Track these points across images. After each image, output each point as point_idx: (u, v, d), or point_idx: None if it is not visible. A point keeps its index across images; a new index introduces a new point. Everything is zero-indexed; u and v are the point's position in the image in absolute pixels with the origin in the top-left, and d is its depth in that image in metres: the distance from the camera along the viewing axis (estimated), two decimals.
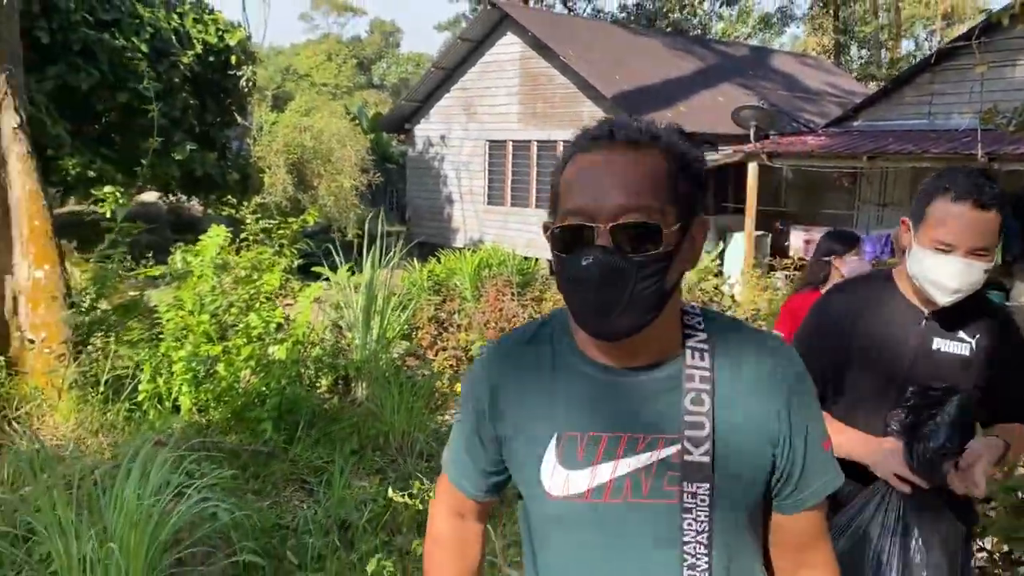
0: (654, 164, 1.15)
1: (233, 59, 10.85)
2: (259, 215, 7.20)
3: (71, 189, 10.53)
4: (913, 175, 13.56)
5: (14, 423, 4.54)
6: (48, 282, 4.94)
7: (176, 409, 5.16)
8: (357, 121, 18.34)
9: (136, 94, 9.27)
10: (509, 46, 15.03)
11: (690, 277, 10.71)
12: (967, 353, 2.05)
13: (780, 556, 1.36)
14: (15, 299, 4.96)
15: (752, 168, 12.74)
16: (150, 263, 7.16)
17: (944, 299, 1.99)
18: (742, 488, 1.23)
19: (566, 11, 24.65)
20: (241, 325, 5.65)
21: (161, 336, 5.36)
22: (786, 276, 11.36)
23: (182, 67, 10.06)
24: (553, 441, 1.24)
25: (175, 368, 5.08)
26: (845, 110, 14.96)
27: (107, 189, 5.85)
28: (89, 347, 5.15)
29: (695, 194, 1.20)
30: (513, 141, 15.16)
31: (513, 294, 9.70)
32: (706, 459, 1.19)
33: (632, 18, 22.96)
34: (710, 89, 15.19)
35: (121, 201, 5.94)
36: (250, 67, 10.99)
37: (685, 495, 1.19)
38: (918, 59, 15.36)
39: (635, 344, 1.20)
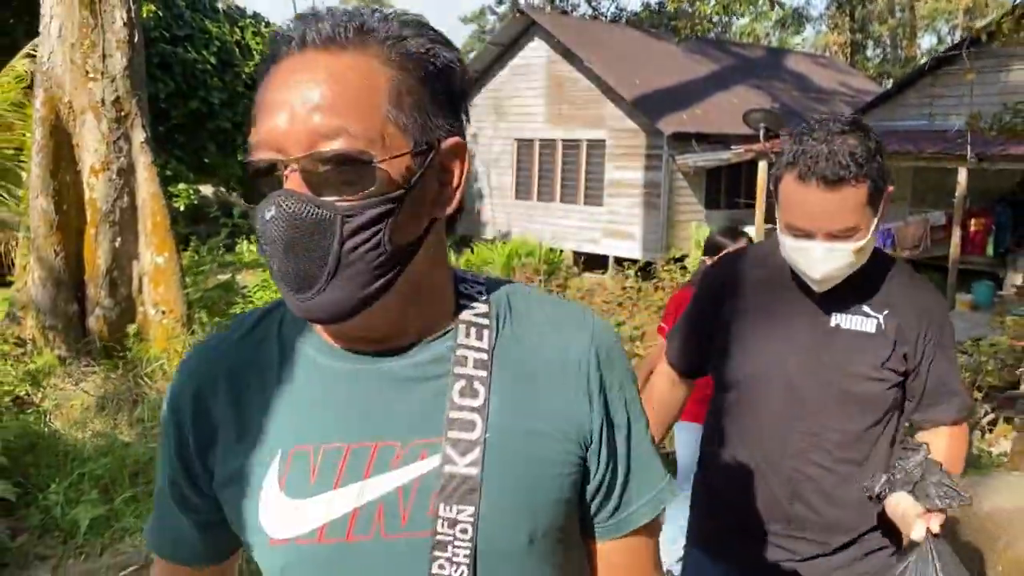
0: (367, 70, 0.81)
1: (237, 51, 12.02)
2: None
3: None
4: (914, 173, 14.50)
5: (146, 379, 5.71)
6: (167, 266, 6.11)
7: None
8: None
9: (204, 101, 10.44)
10: (536, 51, 16.10)
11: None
12: (872, 330, 1.74)
13: None
14: (140, 280, 6.13)
15: (762, 166, 13.72)
16: (220, 249, 8.41)
17: (817, 288, 1.71)
18: (531, 512, 0.88)
19: (590, 10, 25.59)
20: None
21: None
22: None
23: (244, 76, 11.25)
24: (276, 461, 0.88)
25: None
26: (852, 111, 15.89)
27: (181, 186, 7.02)
28: (196, 320, 6.33)
29: (440, 108, 0.85)
30: (540, 139, 16.21)
31: (540, 282, 10.77)
32: (474, 471, 0.85)
33: (655, 15, 23.81)
34: (725, 91, 16.16)
35: (192, 197, 7.12)
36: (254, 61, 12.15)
37: (440, 522, 0.84)
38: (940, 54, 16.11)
39: (381, 323, 0.87)
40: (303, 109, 0.78)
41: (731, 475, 1.85)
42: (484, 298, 0.94)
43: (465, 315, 0.91)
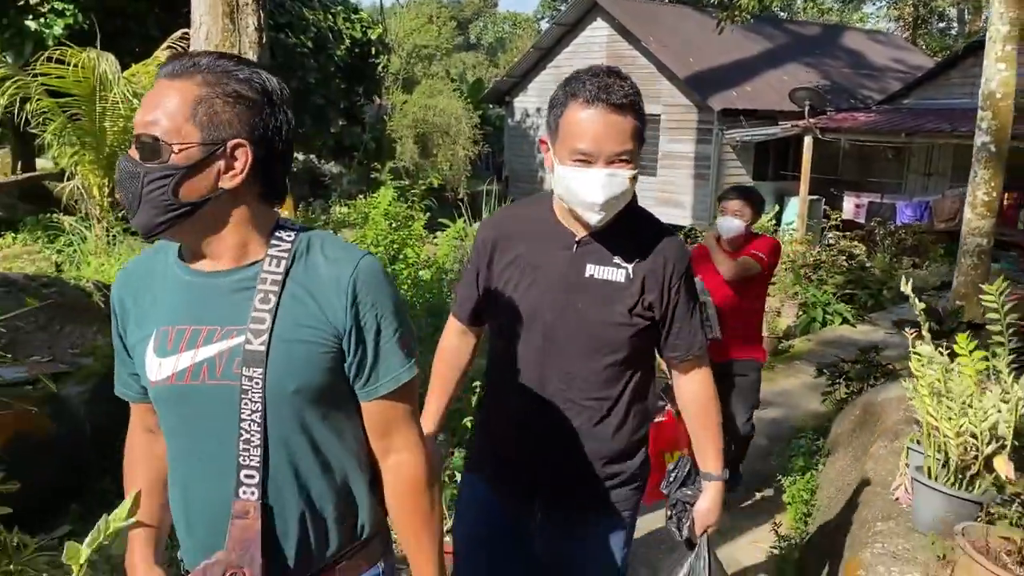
0: (185, 91, 1.29)
1: (373, 50, 13.47)
2: (391, 177, 9.78)
3: None
4: (955, 149, 15.25)
5: None
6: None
7: None
8: (457, 85, 20.82)
9: (302, 80, 11.93)
10: (598, 30, 17.23)
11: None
12: (622, 279, 1.92)
13: (373, 441, 1.48)
14: None
15: (807, 141, 14.66)
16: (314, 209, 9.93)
17: (594, 218, 1.85)
18: (302, 374, 1.35)
19: None
20: (401, 256, 8.28)
21: None
22: (832, 234, 13.11)
23: (336, 58, 12.72)
24: (153, 335, 1.39)
25: None
26: (900, 88, 16.61)
27: None
28: None
29: (234, 117, 1.31)
30: None
31: None
32: (262, 348, 1.33)
33: None
34: (776, 69, 17.07)
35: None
36: (385, 56, 13.58)
37: (243, 379, 1.33)
38: None
39: (193, 248, 1.39)
40: (146, 107, 1.30)
41: (498, 408, 2.13)
42: (291, 239, 1.39)
43: (272, 251, 1.37)
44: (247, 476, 1.36)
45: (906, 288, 2.62)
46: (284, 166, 1.41)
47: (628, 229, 1.93)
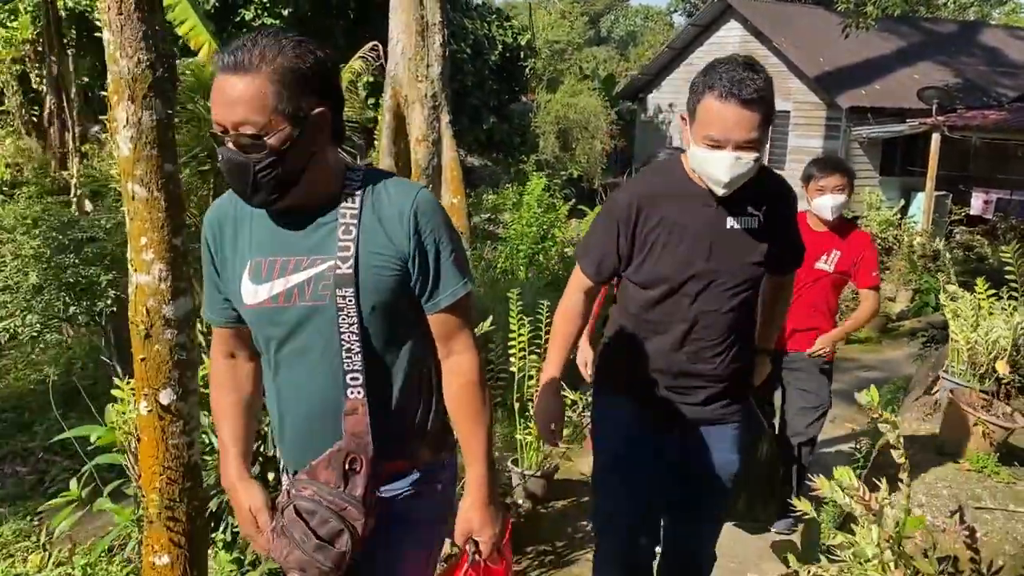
0: (258, 85, 1.48)
1: (522, 54, 14.98)
2: (534, 168, 11.20)
3: None
4: None
5: None
6: (458, 205, 9.17)
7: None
8: (590, 79, 22.05)
9: (461, 83, 13.50)
10: (731, 31, 18.13)
11: (873, 225, 13.29)
12: (756, 225, 2.23)
13: (437, 344, 1.74)
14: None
15: (934, 138, 15.12)
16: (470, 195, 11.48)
17: (720, 191, 2.13)
18: (382, 292, 1.61)
19: None
20: (549, 236, 9.72)
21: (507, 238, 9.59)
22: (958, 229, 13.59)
23: (490, 63, 14.29)
24: (248, 265, 1.64)
25: (519, 254, 9.23)
26: None
27: None
28: (476, 236, 9.41)
29: (311, 92, 1.53)
30: None
31: None
32: (350, 271, 1.57)
33: None
34: (907, 67, 17.50)
35: None
36: (532, 60, 15.07)
37: (338, 298, 1.57)
38: None
39: (295, 204, 1.60)
40: (232, 106, 1.50)
41: (643, 346, 2.37)
42: (359, 180, 1.64)
43: (346, 190, 1.63)
44: (352, 379, 1.60)
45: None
46: (342, 110, 1.64)
47: (756, 182, 2.19)
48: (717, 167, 2.07)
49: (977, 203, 15.73)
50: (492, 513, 1.75)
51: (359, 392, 1.59)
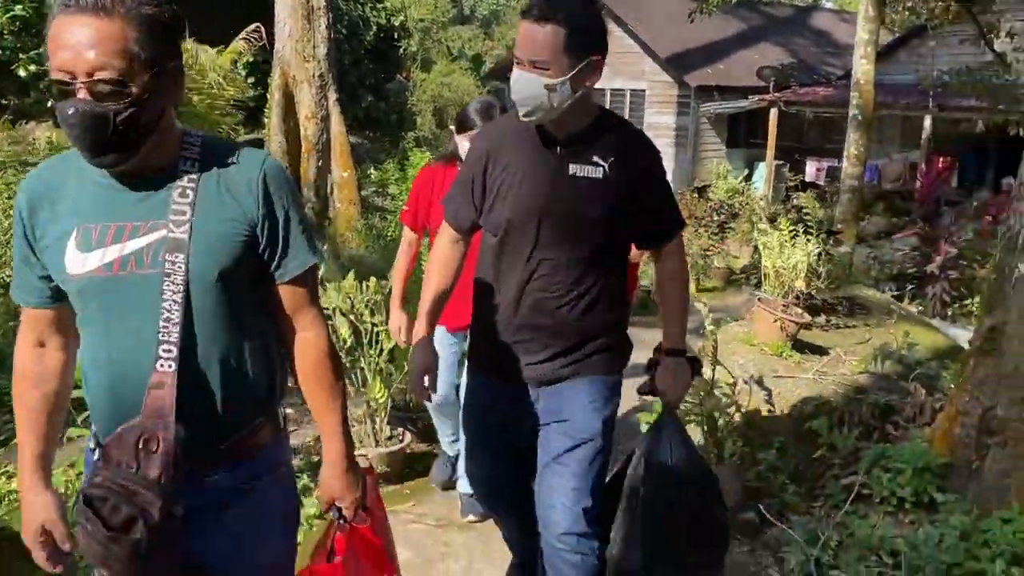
0: (117, 28, 1.36)
1: (396, 35, 15.62)
2: (413, 145, 11.99)
3: None
4: (901, 120, 17.46)
5: (339, 246, 9.49)
6: (348, 178, 9.86)
7: None
8: (458, 59, 22.81)
9: (338, 63, 14.02)
10: None
11: (720, 192, 14.76)
12: (600, 175, 2.15)
13: (283, 320, 1.65)
14: (332, 187, 9.90)
15: (773, 113, 16.84)
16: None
17: (522, 113, 2.10)
18: (227, 259, 1.51)
19: None
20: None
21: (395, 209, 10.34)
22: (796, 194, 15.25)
23: (365, 42, 14.85)
24: (73, 233, 1.48)
25: None
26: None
27: None
28: (366, 209, 10.12)
29: (167, 43, 1.44)
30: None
31: None
32: (183, 237, 1.47)
33: None
34: (748, 48, 19.22)
35: None
36: (406, 40, 15.73)
37: (166, 264, 1.46)
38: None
39: (135, 164, 1.46)
40: (87, 49, 1.35)
41: (492, 303, 2.30)
42: (198, 143, 1.56)
43: (185, 153, 1.54)
44: (165, 351, 1.47)
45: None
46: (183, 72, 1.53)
47: (604, 132, 2.18)
48: (512, 84, 2.06)
49: (810, 170, 17.58)
50: (352, 479, 1.73)
51: (170, 365, 1.46)
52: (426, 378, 2.34)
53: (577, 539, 2.23)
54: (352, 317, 3.64)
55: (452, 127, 3.32)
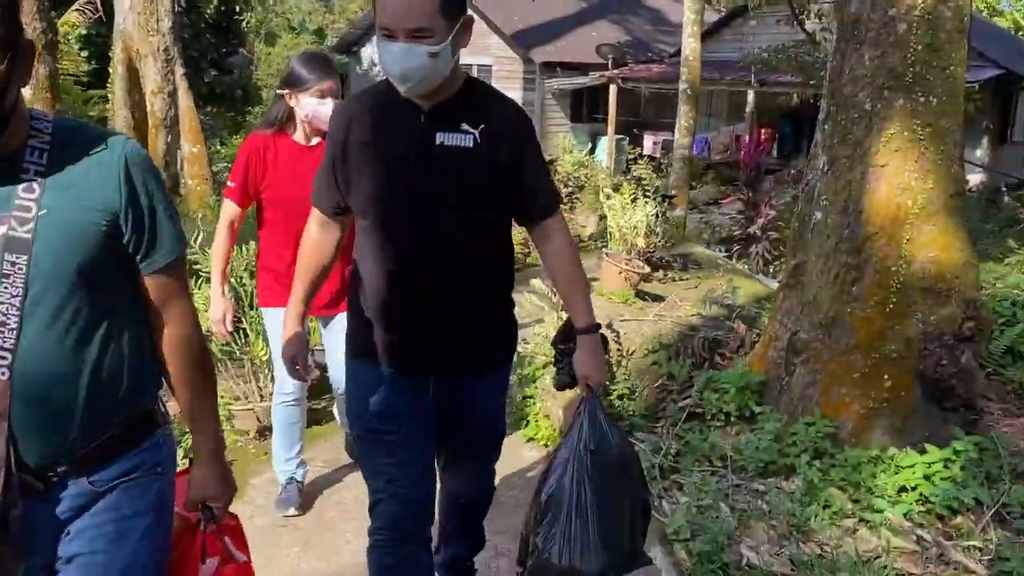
0: None
1: (237, 7, 15.26)
2: (258, 121, 11.83)
3: None
4: (729, 95, 18.81)
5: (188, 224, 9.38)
6: (198, 153, 9.72)
7: None
8: (300, 32, 22.41)
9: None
10: None
11: (567, 165, 15.47)
12: (470, 144, 1.99)
13: (150, 313, 1.55)
14: (182, 162, 9.74)
15: (612, 89, 17.71)
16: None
17: (401, 87, 1.93)
18: (79, 252, 1.38)
19: None
20: None
21: None
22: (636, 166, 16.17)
23: (205, 15, 14.44)
24: None
25: None
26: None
27: None
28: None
29: (13, 25, 1.30)
30: None
31: None
32: (27, 236, 1.34)
33: None
34: (587, 25, 20.04)
35: None
36: (248, 14, 15.40)
37: (5, 264, 1.34)
38: None
39: None
40: None
41: (373, 290, 2.14)
42: (48, 130, 1.41)
43: (32, 142, 1.39)
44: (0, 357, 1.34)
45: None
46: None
47: (471, 97, 2.03)
48: (391, 59, 1.89)
49: (648, 144, 18.59)
50: (227, 477, 1.70)
51: (3, 372, 1.36)
52: (297, 359, 2.29)
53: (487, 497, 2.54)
54: (232, 280, 3.83)
55: (279, 91, 3.02)
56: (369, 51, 21.16)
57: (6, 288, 1.35)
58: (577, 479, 2.11)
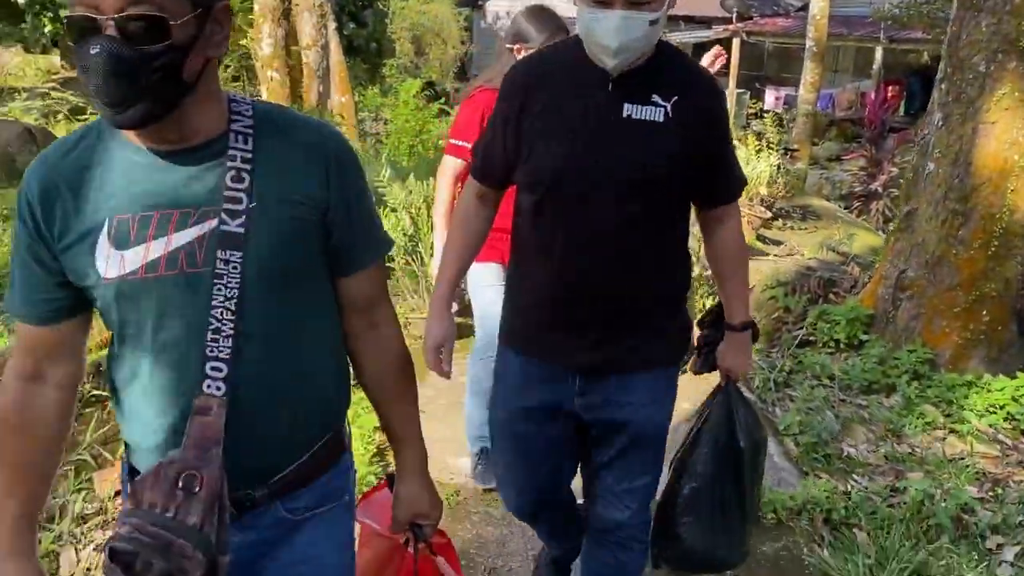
0: None
1: None
2: (397, 73, 12.63)
3: None
4: (856, 51, 18.48)
5: None
6: (347, 103, 10.61)
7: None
8: None
9: None
10: None
11: None
12: (660, 119, 1.77)
13: (350, 319, 1.41)
14: (332, 111, 10.65)
15: (735, 43, 17.71)
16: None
17: (611, 62, 1.69)
18: (287, 252, 1.25)
19: None
20: (424, 129, 11.38)
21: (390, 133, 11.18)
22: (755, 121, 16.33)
23: None
24: (105, 226, 1.19)
25: (401, 145, 10.85)
26: None
27: None
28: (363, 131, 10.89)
29: None
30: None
31: None
32: (240, 230, 1.20)
33: None
34: None
35: None
36: None
37: (218, 262, 1.20)
38: None
39: (175, 129, 1.19)
40: None
41: (528, 271, 1.95)
42: (249, 113, 1.27)
43: (235, 126, 1.24)
44: (213, 369, 1.21)
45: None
46: None
47: (662, 65, 1.80)
48: (603, 29, 1.67)
49: (770, 99, 18.52)
50: (435, 492, 1.56)
51: (218, 387, 1.22)
52: (442, 349, 2.05)
53: (637, 530, 2.13)
54: (412, 210, 4.58)
55: (508, 45, 2.83)
56: (494, 5, 21.66)
57: (219, 290, 1.21)
58: (714, 472, 2.14)
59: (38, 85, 14.30)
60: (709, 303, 4.29)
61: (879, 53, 16.36)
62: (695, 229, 2.17)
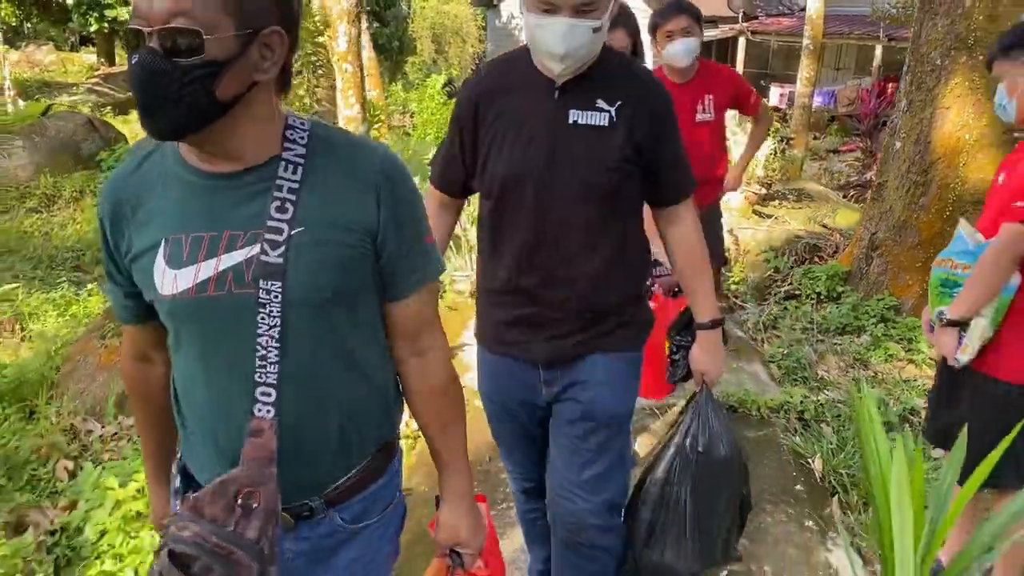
0: None
1: None
2: (416, 69, 13.42)
3: None
4: (857, 49, 19.13)
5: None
6: (380, 98, 11.41)
7: None
8: None
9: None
10: None
11: None
12: (605, 123, 1.84)
13: (399, 342, 1.41)
14: (363, 103, 11.45)
15: (741, 41, 18.40)
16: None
17: (557, 67, 1.76)
18: (333, 279, 1.27)
19: None
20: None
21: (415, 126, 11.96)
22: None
23: None
24: (162, 245, 1.25)
25: (428, 137, 11.64)
26: None
27: None
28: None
29: (265, 7, 1.17)
30: None
31: None
32: (279, 260, 1.22)
33: None
34: None
35: None
36: None
37: (260, 291, 1.23)
38: None
39: (214, 148, 1.23)
40: None
41: (493, 271, 2.02)
42: (304, 141, 1.28)
43: (287, 154, 1.27)
44: (263, 394, 1.26)
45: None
46: (296, 48, 1.28)
47: (608, 71, 1.87)
48: (551, 36, 1.72)
49: (775, 96, 19.17)
50: (478, 519, 1.56)
51: (268, 411, 1.26)
52: None
53: (599, 532, 2.09)
54: None
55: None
56: (508, 5, 22.36)
57: (263, 319, 1.25)
58: (680, 479, 2.09)
59: (81, 81, 15.12)
60: None
61: (879, 51, 17.02)
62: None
